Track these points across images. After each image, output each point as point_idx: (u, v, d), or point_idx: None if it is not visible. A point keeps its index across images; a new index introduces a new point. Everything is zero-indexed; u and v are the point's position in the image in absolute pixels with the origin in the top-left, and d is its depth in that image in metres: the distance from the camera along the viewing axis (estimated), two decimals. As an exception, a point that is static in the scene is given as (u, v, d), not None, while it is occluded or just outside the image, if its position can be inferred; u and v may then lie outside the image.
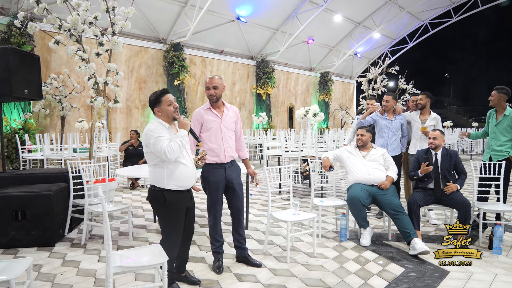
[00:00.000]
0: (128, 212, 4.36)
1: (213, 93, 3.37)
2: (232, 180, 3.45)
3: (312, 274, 3.43)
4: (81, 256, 3.87)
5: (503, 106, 4.64)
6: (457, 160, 4.33)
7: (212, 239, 3.50)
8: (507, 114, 4.57)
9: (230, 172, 3.43)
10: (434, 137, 4.34)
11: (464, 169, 4.35)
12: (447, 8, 17.99)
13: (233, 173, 3.46)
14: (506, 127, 4.57)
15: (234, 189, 3.48)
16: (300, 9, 14.09)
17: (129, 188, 7.71)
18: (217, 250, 3.51)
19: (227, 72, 14.48)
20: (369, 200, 4.26)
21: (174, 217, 2.84)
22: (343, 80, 21.40)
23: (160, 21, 11.70)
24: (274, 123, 16.33)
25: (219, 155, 3.38)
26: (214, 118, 3.39)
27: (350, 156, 4.59)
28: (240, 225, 3.57)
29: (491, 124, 4.76)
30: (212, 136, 3.38)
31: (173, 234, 2.86)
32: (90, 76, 5.32)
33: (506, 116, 4.58)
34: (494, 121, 4.69)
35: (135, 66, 11.52)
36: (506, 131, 4.57)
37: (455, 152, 4.38)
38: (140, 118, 11.73)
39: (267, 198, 6.64)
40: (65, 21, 5.17)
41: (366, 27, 17.40)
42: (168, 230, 2.87)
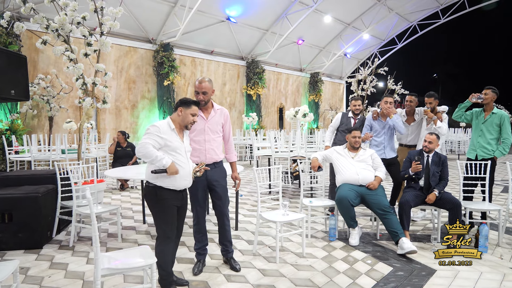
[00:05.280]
0: (117, 213, 4.34)
1: (202, 99, 3.37)
2: (213, 182, 3.43)
3: (301, 274, 3.45)
4: (69, 258, 3.83)
5: (492, 106, 4.79)
6: (444, 164, 4.42)
7: (195, 239, 3.53)
8: (495, 113, 4.71)
9: (211, 174, 3.41)
10: (429, 141, 4.42)
11: (447, 176, 4.43)
12: (435, 9, 18.21)
13: (215, 175, 3.44)
14: (493, 125, 4.70)
15: (216, 191, 3.47)
16: (290, 10, 14.13)
17: (118, 189, 7.66)
18: (199, 251, 3.52)
19: (217, 72, 14.46)
20: (357, 200, 4.30)
21: (164, 214, 2.89)
22: (333, 81, 21.52)
23: (150, 21, 11.64)
24: (264, 123, 16.36)
25: (199, 156, 3.39)
26: (199, 120, 3.38)
27: (339, 156, 4.63)
28: (224, 228, 3.56)
29: (478, 121, 4.85)
30: (196, 137, 3.39)
31: (165, 232, 2.91)
32: (79, 77, 5.27)
33: (494, 114, 4.72)
34: (481, 119, 4.80)
35: (124, 66, 11.44)
36: (493, 129, 4.71)
37: (445, 157, 4.48)
38: (129, 118, 11.65)
39: (256, 199, 6.65)
40: (52, 21, 5.12)
41: (355, 28, 17.52)
42: (159, 227, 2.92)
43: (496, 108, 4.76)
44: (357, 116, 5.64)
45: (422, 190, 4.37)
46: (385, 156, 5.04)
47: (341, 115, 5.79)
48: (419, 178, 4.41)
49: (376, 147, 5.12)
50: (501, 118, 4.67)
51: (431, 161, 4.41)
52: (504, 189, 7.63)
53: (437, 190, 4.25)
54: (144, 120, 12.00)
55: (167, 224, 2.91)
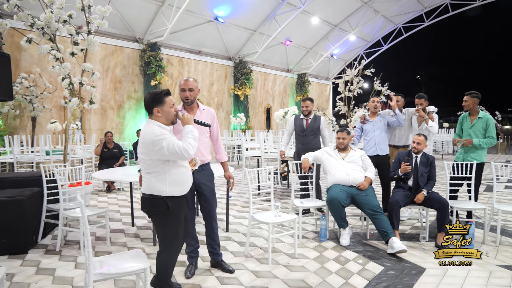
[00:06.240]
0: (106, 216, 4.26)
1: (188, 95, 3.31)
2: (201, 185, 3.36)
3: (294, 275, 3.44)
4: (56, 263, 3.74)
5: (476, 110, 4.87)
6: (432, 165, 4.48)
7: (186, 243, 3.45)
8: (481, 117, 4.79)
9: (198, 176, 3.32)
10: (418, 142, 4.48)
11: (435, 176, 4.50)
12: (420, 12, 18.48)
13: (202, 178, 3.36)
14: (480, 129, 4.78)
15: (203, 194, 3.40)
16: (278, 11, 14.15)
17: (105, 191, 7.53)
18: (191, 254, 3.47)
19: (205, 72, 14.37)
20: (348, 200, 4.32)
21: (176, 224, 2.72)
22: (320, 82, 21.64)
23: (137, 20, 11.48)
24: (252, 124, 16.33)
25: None
26: None
27: (329, 157, 4.65)
28: (212, 231, 3.50)
29: (465, 127, 4.93)
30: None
31: (175, 242, 2.74)
32: (65, 76, 5.15)
33: (480, 119, 4.80)
34: (468, 124, 4.88)
35: (110, 66, 11.26)
36: (480, 133, 4.79)
37: (433, 157, 4.54)
38: (115, 119, 11.48)
39: (246, 200, 6.63)
40: (37, 19, 4.99)
41: (342, 29, 17.66)
42: (169, 238, 2.73)
43: (481, 112, 4.86)
44: (308, 116, 5.65)
45: (411, 190, 4.42)
46: (378, 153, 5.13)
47: (294, 118, 5.80)
48: (407, 178, 4.46)
49: (367, 145, 5.24)
50: (487, 122, 4.76)
51: (419, 161, 4.46)
52: (487, 188, 7.78)
53: (425, 190, 4.30)
54: (131, 121, 11.84)
55: (177, 235, 2.74)
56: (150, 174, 2.65)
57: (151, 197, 2.66)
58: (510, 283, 3.25)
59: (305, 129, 5.64)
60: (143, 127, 2.71)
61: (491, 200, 4.67)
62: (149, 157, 2.61)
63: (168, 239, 2.72)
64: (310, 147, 5.49)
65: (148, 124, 2.67)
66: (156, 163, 2.62)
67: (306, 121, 5.66)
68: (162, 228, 2.71)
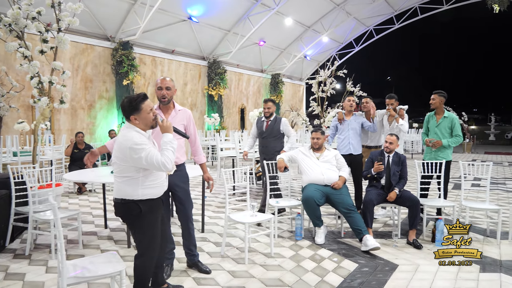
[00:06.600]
0: (78, 218, 4.15)
1: (165, 94, 3.27)
2: (175, 187, 3.32)
3: (271, 274, 3.47)
4: (26, 267, 3.61)
5: (442, 109, 5.05)
6: (404, 164, 4.62)
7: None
8: (447, 116, 4.98)
9: (173, 178, 3.25)
10: (390, 141, 4.60)
11: (406, 174, 4.65)
12: (390, 15, 18.98)
13: (176, 179, 3.31)
14: (446, 128, 4.97)
15: (178, 195, 3.37)
16: (252, 11, 14.19)
17: (76, 193, 7.33)
18: (167, 255, 3.40)
19: (178, 72, 14.22)
20: (323, 199, 4.40)
21: (151, 227, 2.64)
22: (293, 82, 21.85)
23: (108, 18, 11.22)
24: (226, 124, 16.30)
25: None
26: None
27: (305, 157, 4.72)
28: (188, 232, 3.47)
29: (431, 125, 5.11)
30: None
31: (151, 245, 2.66)
32: (34, 75, 4.98)
33: (445, 118, 4.99)
34: (434, 123, 5.06)
35: (80, 65, 10.95)
36: (446, 131, 4.98)
37: (404, 157, 4.68)
38: (86, 119, 11.17)
39: (221, 200, 6.62)
40: (5, 15, 4.80)
41: (315, 30, 17.90)
42: (145, 242, 2.65)
43: (446, 112, 5.06)
44: (269, 118, 5.51)
45: (384, 189, 4.54)
46: (351, 152, 5.26)
47: (256, 121, 5.73)
48: (380, 177, 4.58)
49: (341, 144, 5.36)
50: (452, 121, 4.96)
51: (391, 161, 4.60)
52: (454, 186, 8.10)
53: (397, 189, 4.43)
54: (102, 121, 11.56)
55: (153, 239, 2.66)
56: (122, 178, 2.57)
57: (123, 202, 2.58)
58: (477, 277, 3.40)
59: (264, 131, 5.53)
60: (121, 131, 2.62)
61: (459, 197, 4.87)
62: (125, 163, 2.53)
63: (145, 243, 2.65)
64: (269, 150, 5.42)
65: (126, 129, 2.59)
66: (130, 169, 2.54)
67: (266, 123, 5.52)
68: (138, 233, 2.64)
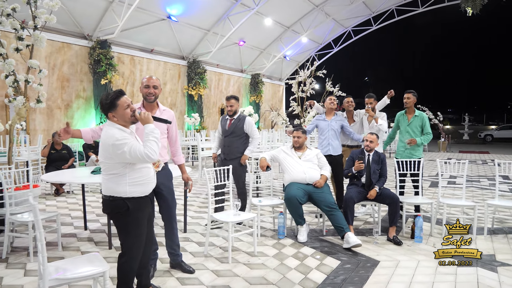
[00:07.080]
0: (57, 220, 4.05)
1: (153, 92, 3.28)
2: (159, 185, 3.27)
3: (255, 272, 3.49)
4: (3, 271, 3.51)
5: (413, 108, 5.25)
6: (384, 163, 4.73)
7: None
8: (417, 115, 5.16)
9: (157, 177, 3.21)
10: (370, 140, 4.69)
11: (386, 173, 4.76)
12: (368, 17, 19.35)
13: (160, 178, 3.27)
14: (417, 126, 5.14)
15: (162, 194, 3.35)
16: (232, 11, 14.18)
17: (53, 194, 7.15)
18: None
19: (158, 72, 14.06)
20: (305, 198, 4.44)
21: (137, 226, 2.62)
22: (273, 82, 21.96)
23: (85, 16, 10.98)
24: (206, 124, 16.23)
25: None
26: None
27: (287, 156, 4.76)
28: (172, 232, 3.46)
29: (403, 124, 5.26)
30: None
31: (135, 244, 2.63)
32: (9, 73, 4.83)
33: (416, 117, 5.17)
34: (406, 122, 5.22)
35: (56, 63, 10.69)
36: (417, 130, 5.14)
37: (384, 155, 4.79)
38: (62, 119, 10.90)
39: (202, 200, 6.59)
40: (-23, 12, 4.64)
41: (294, 31, 18.04)
42: (130, 241, 2.62)
43: (417, 111, 5.23)
44: (232, 116, 5.16)
45: (364, 187, 4.63)
46: (331, 153, 5.29)
47: (221, 119, 5.42)
48: (361, 175, 4.67)
49: (322, 144, 5.41)
50: (423, 120, 5.13)
51: (371, 159, 4.69)
52: (431, 184, 8.33)
53: (377, 187, 4.53)
54: (80, 121, 11.31)
55: (138, 238, 2.64)
56: (109, 175, 2.57)
57: (112, 199, 2.57)
58: (455, 271, 3.51)
59: (226, 129, 5.19)
60: (103, 130, 2.60)
61: (437, 195, 5.01)
62: (111, 161, 2.53)
63: (129, 242, 2.63)
64: (232, 150, 5.12)
65: (107, 127, 2.58)
66: (116, 166, 2.53)
67: (229, 121, 5.19)
68: (123, 230, 2.62)
